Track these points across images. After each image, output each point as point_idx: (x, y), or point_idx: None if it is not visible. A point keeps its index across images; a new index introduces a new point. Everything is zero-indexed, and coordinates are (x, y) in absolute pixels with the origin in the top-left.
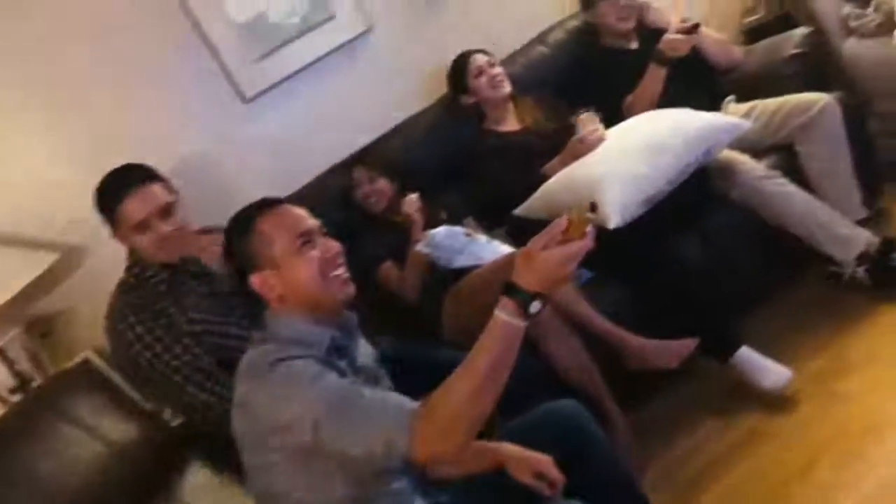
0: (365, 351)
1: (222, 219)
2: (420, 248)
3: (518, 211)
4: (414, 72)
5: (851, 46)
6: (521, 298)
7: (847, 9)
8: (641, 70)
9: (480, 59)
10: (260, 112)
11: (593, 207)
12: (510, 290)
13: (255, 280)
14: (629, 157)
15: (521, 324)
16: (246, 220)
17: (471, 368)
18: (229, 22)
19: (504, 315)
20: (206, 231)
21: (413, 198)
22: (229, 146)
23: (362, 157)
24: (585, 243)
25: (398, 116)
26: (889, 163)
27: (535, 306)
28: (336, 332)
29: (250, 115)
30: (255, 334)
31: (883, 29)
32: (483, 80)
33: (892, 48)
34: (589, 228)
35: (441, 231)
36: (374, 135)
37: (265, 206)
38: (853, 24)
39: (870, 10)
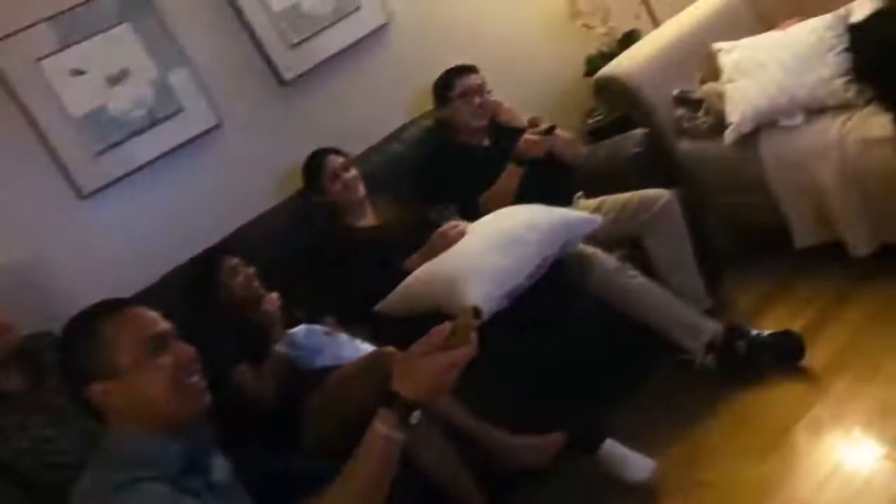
0: (219, 464)
1: (56, 326)
2: (279, 348)
3: (379, 307)
4: (266, 167)
5: (685, 146)
6: (403, 408)
7: (679, 112)
8: (495, 166)
9: (335, 163)
10: (99, 209)
11: (477, 313)
12: (390, 399)
13: (95, 391)
14: (490, 251)
15: (401, 436)
16: (87, 323)
17: (348, 485)
18: (66, 115)
19: (384, 428)
20: (33, 337)
21: (274, 296)
22: (63, 245)
23: (222, 250)
24: (470, 350)
25: (250, 212)
26: (726, 253)
27: (415, 417)
28: (188, 447)
29: (88, 212)
30: (92, 454)
31: (714, 131)
32: (338, 184)
33: (723, 148)
34: (473, 335)
35: (300, 330)
36: (223, 232)
37: (110, 307)
38: (685, 125)
39: (700, 113)
